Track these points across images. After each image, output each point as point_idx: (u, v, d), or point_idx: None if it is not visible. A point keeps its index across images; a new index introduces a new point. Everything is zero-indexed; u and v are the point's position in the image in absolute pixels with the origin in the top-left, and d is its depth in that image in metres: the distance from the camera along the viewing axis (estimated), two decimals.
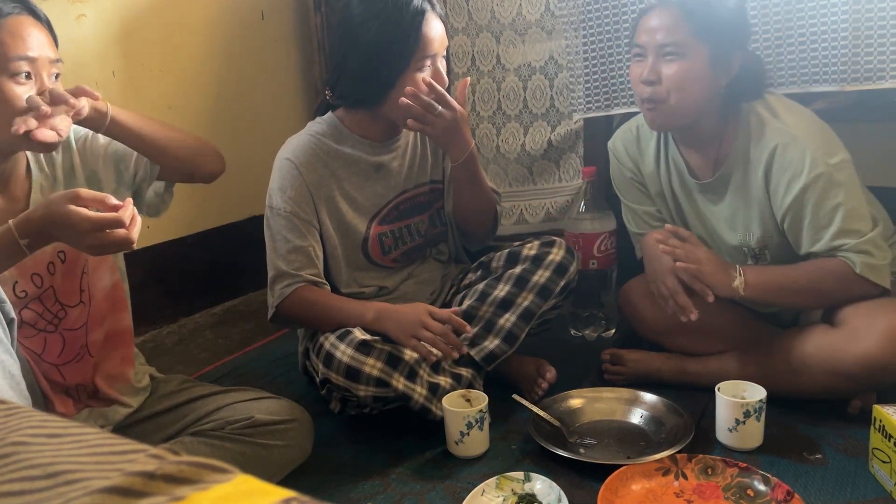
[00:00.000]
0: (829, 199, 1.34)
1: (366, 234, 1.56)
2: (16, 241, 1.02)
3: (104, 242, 1.04)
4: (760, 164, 1.40)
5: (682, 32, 1.37)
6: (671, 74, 1.38)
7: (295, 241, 1.47)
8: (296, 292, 1.46)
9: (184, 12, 2.07)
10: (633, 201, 1.66)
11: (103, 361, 1.31)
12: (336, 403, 1.52)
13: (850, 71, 1.58)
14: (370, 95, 1.46)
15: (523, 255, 1.59)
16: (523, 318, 1.53)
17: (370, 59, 1.42)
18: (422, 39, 1.40)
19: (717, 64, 1.38)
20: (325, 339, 1.41)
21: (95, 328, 1.30)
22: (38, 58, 1.13)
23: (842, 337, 1.35)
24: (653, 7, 1.42)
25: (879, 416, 1.21)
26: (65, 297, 1.25)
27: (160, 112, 2.02)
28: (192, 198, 2.11)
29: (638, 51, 1.43)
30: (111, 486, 0.37)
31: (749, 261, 1.50)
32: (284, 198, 1.48)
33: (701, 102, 1.40)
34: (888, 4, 1.51)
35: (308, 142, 1.52)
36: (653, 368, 1.59)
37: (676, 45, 1.37)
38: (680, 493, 1.22)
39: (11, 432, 0.47)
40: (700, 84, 1.38)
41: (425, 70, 1.43)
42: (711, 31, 1.37)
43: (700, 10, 1.37)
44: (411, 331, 1.36)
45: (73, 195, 1.03)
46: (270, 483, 0.38)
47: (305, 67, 2.45)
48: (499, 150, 2.20)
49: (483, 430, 1.37)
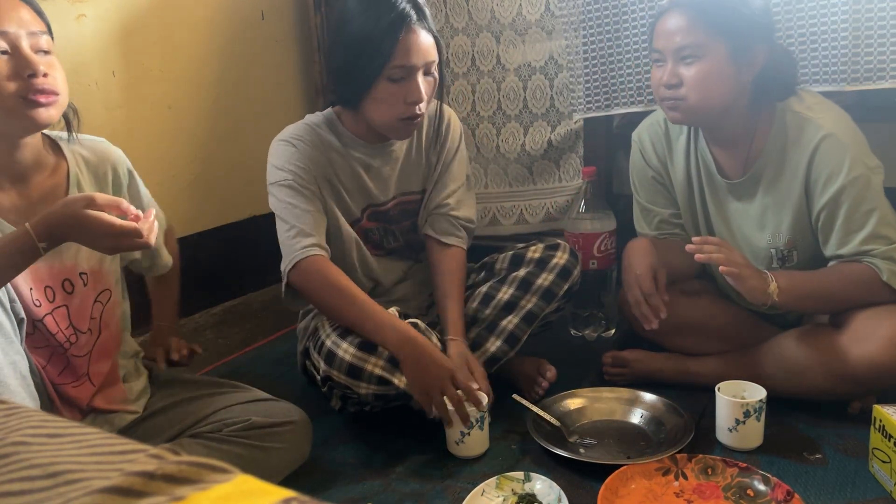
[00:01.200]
0: (864, 202, 1.33)
1: (357, 221, 1.55)
2: (33, 242, 1.03)
3: (122, 245, 1.08)
4: (801, 161, 1.37)
5: (698, 33, 1.34)
6: (691, 76, 1.36)
7: (302, 206, 1.44)
8: (317, 260, 1.41)
9: (184, 12, 2.07)
10: (648, 200, 1.63)
11: (105, 387, 1.31)
12: (336, 401, 1.52)
13: (850, 71, 1.58)
14: (350, 96, 1.44)
15: (527, 258, 1.59)
16: (526, 321, 1.53)
17: (348, 55, 1.39)
18: (397, 47, 1.34)
19: (739, 58, 1.35)
20: (326, 337, 1.40)
21: (100, 359, 1.29)
22: (10, 32, 1.10)
23: (845, 339, 1.34)
24: (666, 9, 1.39)
25: (879, 416, 1.21)
26: (77, 320, 1.25)
27: (160, 112, 2.03)
28: (193, 198, 2.11)
29: (657, 56, 1.41)
30: (111, 486, 0.37)
31: (775, 263, 1.47)
32: (285, 171, 1.46)
33: (724, 99, 1.38)
34: (888, 4, 1.51)
35: (305, 128, 1.51)
36: (653, 368, 1.59)
37: (694, 46, 1.34)
38: (680, 493, 1.22)
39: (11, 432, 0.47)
40: (722, 81, 1.36)
41: (398, 82, 1.37)
42: (728, 25, 1.34)
43: (714, 5, 1.34)
44: (427, 387, 1.32)
45: (89, 199, 1.05)
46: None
47: (305, 67, 2.45)
48: (499, 150, 2.20)
49: (483, 430, 1.37)
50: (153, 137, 2.01)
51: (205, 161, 2.16)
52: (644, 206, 1.64)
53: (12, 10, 1.11)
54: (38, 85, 1.11)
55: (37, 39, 1.13)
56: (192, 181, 2.13)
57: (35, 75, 1.10)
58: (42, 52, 1.14)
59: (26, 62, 1.10)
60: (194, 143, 2.13)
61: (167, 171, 2.05)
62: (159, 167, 2.02)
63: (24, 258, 1.05)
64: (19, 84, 1.10)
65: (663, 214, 1.62)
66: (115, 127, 1.89)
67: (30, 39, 1.12)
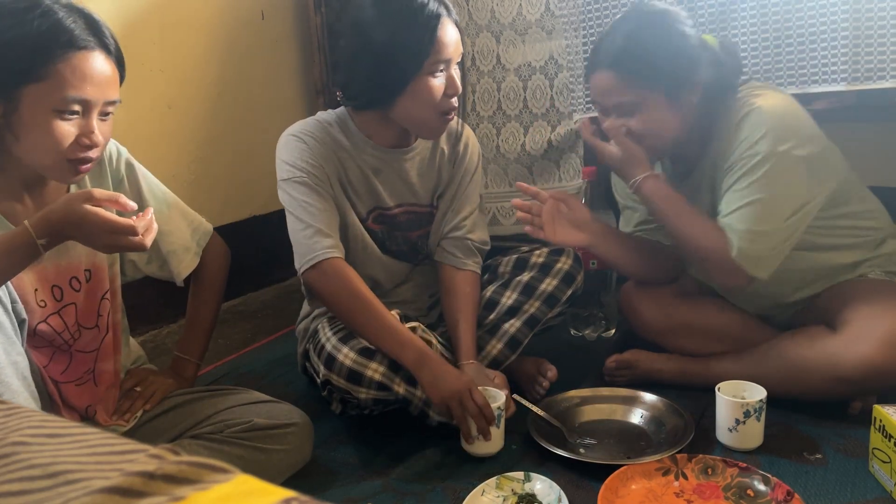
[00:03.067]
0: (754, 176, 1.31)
1: (364, 219, 1.55)
2: (32, 240, 1.03)
3: (118, 244, 1.06)
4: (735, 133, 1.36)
5: (627, 91, 1.36)
6: (637, 127, 1.39)
7: (317, 204, 1.43)
8: (336, 263, 1.40)
9: (184, 12, 2.07)
10: (628, 200, 1.67)
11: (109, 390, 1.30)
12: (337, 405, 1.52)
13: (850, 71, 1.58)
14: (381, 98, 1.43)
15: (531, 263, 1.59)
16: (528, 325, 1.54)
17: (382, 61, 1.39)
18: (436, 43, 1.37)
19: (679, 94, 1.37)
20: (326, 341, 1.40)
21: (106, 358, 1.29)
22: (91, 99, 1.10)
23: (841, 341, 1.34)
24: (593, 69, 1.41)
25: (879, 416, 1.21)
26: (84, 317, 1.24)
27: (160, 112, 2.03)
28: (195, 198, 2.11)
29: (599, 108, 1.44)
30: (111, 486, 0.37)
31: None
32: (296, 167, 1.44)
33: (677, 133, 1.40)
34: (888, 4, 1.52)
35: (316, 125, 1.50)
36: (653, 368, 1.59)
37: (628, 104, 1.37)
38: (680, 493, 1.22)
39: (11, 432, 0.47)
40: (668, 122, 1.39)
41: (438, 76, 1.40)
42: (654, 75, 1.34)
43: (633, 63, 1.35)
44: (447, 397, 1.32)
45: (88, 195, 1.04)
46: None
47: (305, 67, 2.45)
48: (499, 150, 2.20)
49: (500, 427, 1.36)
50: (153, 137, 2.01)
51: (205, 161, 2.16)
52: (624, 205, 1.68)
53: (102, 76, 1.11)
54: (88, 155, 1.12)
55: (109, 108, 1.14)
56: (192, 181, 2.13)
57: (91, 147, 1.11)
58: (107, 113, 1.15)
59: (91, 136, 1.11)
60: (194, 143, 2.13)
61: (167, 171, 2.05)
62: (159, 167, 2.01)
63: (24, 256, 1.04)
64: (74, 150, 1.10)
65: (642, 210, 1.63)
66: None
67: (103, 107, 1.13)
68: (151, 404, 1.33)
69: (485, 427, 1.32)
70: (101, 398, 1.29)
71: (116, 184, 1.32)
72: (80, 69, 1.08)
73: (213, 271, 1.46)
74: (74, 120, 1.10)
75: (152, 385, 1.35)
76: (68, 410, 1.24)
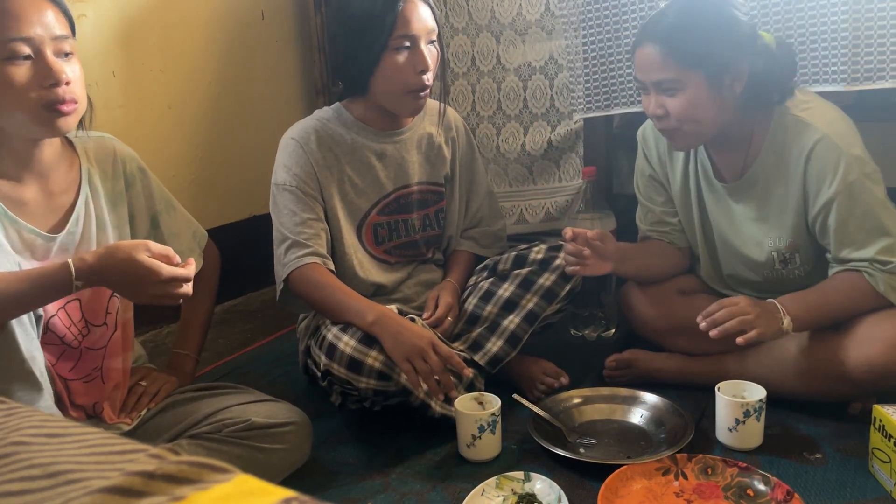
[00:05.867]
0: (857, 208, 1.32)
1: (365, 217, 1.56)
2: (70, 281, 1.04)
3: (167, 293, 1.09)
4: (798, 164, 1.37)
5: (671, 68, 1.34)
6: (675, 108, 1.37)
7: (302, 214, 1.48)
8: (307, 268, 1.45)
9: (184, 12, 2.07)
10: (644, 197, 1.66)
11: (117, 388, 1.30)
12: (336, 396, 1.52)
13: (850, 71, 1.57)
14: (358, 77, 1.48)
15: (530, 259, 1.60)
16: (527, 321, 1.54)
17: (353, 37, 1.43)
18: (398, 17, 1.40)
19: (720, 81, 1.35)
20: (327, 331, 1.41)
21: (114, 355, 1.29)
22: (34, 37, 1.07)
23: (844, 342, 1.34)
24: (639, 42, 1.40)
25: (879, 416, 1.21)
26: (91, 314, 1.24)
27: (160, 112, 2.03)
28: (195, 198, 2.11)
29: (639, 85, 1.42)
30: (111, 485, 0.37)
31: (777, 264, 1.47)
32: (290, 174, 1.50)
33: (715, 121, 1.38)
34: (888, 4, 1.51)
35: (314, 125, 1.54)
36: (653, 368, 1.59)
37: (670, 81, 1.35)
38: (680, 492, 1.22)
39: (12, 432, 0.47)
40: (707, 107, 1.36)
41: (402, 52, 1.42)
42: (701, 56, 1.33)
43: (681, 40, 1.34)
44: (407, 354, 1.32)
45: (146, 246, 1.06)
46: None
47: (305, 67, 2.45)
48: (499, 150, 2.20)
49: (496, 433, 1.36)
50: (153, 137, 2.01)
51: (205, 161, 2.16)
52: (642, 202, 1.67)
53: (37, 13, 1.08)
54: (59, 95, 1.10)
55: (61, 44, 1.11)
56: (191, 181, 2.13)
57: (58, 84, 1.09)
58: (65, 54, 1.12)
59: (49, 71, 1.08)
60: (194, 143, 2.13)
61: (167, 171, 2.04)
62: (159, 167, 2.01)
63: (57, 294, 1.06)
64: (41, 93, 1.09)
65: (657, 212, 1.64)
66: (115, 127, 1.88)
67: (54, 44, 1.10)
68: (156, 402, 1.33)
69: (449, 382, 1.32)
70: (108, 396, 1.29)
71: (129, 186, 1.33)
72: (14, 10, 1.06)
73: (208, 272, 1.49)
74: (28, 63, 1.08)
75: (156, 382, 1.36)
76: (75, 408, 1.24)
